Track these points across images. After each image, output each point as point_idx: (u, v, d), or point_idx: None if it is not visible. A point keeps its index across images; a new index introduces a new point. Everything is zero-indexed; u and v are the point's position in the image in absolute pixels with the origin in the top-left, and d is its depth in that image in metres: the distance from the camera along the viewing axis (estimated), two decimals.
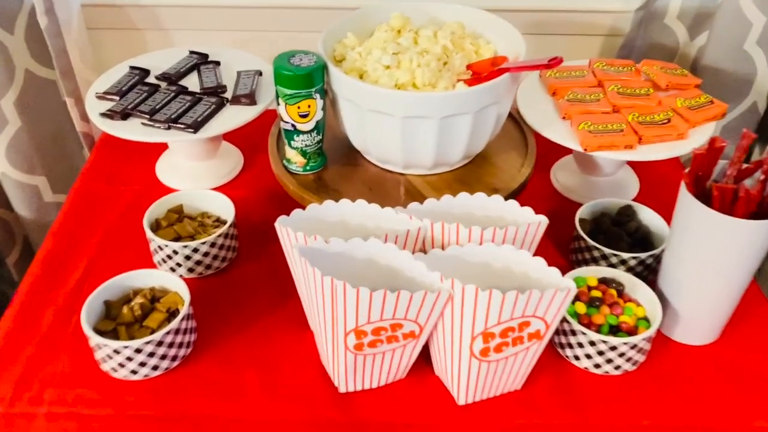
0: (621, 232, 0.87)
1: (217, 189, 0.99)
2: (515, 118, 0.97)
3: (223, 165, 1.06)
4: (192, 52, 1.07)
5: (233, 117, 0.94)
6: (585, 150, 0.88)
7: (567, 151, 1.07)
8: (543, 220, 0.73)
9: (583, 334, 0.74)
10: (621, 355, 0.74)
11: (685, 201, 0.72)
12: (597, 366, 0.76)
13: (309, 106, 0.80)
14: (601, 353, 0.74)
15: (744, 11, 1.10)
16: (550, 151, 1.09)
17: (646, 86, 0.97)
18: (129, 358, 0.73)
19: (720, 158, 0.73)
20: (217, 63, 1.05)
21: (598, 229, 0.89)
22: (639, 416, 0.73)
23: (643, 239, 0.88)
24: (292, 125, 0.82)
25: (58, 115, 1.25)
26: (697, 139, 0.90)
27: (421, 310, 0.67)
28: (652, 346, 0.79)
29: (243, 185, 1.04)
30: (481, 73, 0.84)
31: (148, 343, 0.72)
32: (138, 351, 0.73)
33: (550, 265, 0.69)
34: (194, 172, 1.03)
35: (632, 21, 1.16)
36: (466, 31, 0.92)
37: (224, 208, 0.90)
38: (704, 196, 0.72)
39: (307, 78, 0.78)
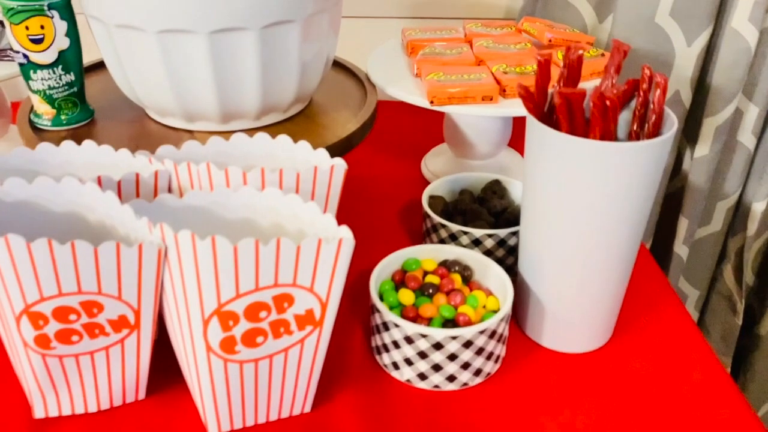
0: (482, 209, 0.66)
1: None
2: (358, 78, 0.76)
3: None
4: None
5: None
6: (432, 102, 0.67)
7: (441, 139, 0.88)
8: (339, 164, 0.51)
9: (397, 326, 0.51)
10: (452, 357, 0.51)
11: (531, 129, 0.50)
12: (422, 377, 0.52)
13: (42, 27, 0.59)
14: (422, 355, 0.51)
15: None
16: (426, 141, 0.90)
17: (523, 41, 0.78)
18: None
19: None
20: None
21: (455, 209, 0.67)
22: None
23: (515, 221, 0.67)
24: (25, 56, 0.60)
25: None
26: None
27: (122, 278, 0.44)
28: (508, 352, 0.57)
29: None
30: None
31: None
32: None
33: None
34: None
35: None
36: None
37: None
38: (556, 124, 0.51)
39: None
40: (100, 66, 0.78)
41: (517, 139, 0.88)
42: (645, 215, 0.51)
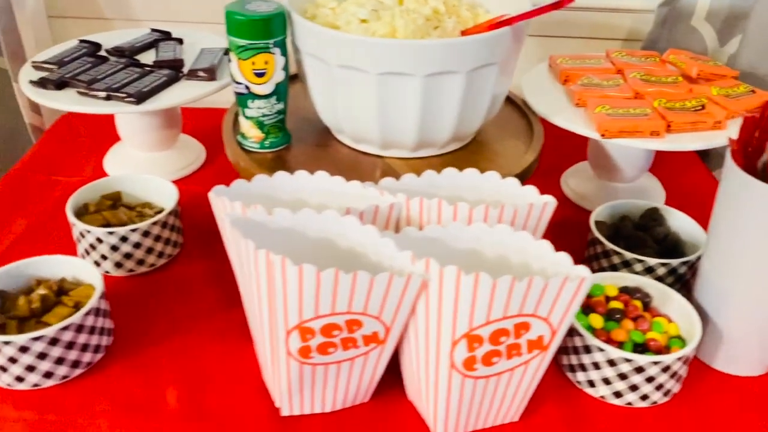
0: (646, 237, 0.71)
1: None
2: (518, 106, 0.82)
3: (180, 157, 0.91)
4: (153, 30, 0.94)
5: (187, 91, 0.80)
6: (603, 135, 0.72)
7: (579, 157, 0.93)
8: (550, 201, 0.57)
9: (601, 350, 0.57)
10: (650, 380, 0.57)
11: (733, 178, 0.56)
12: (617, 395, 0.59)
13: (266, 63, 0.66)
14: (623, 377, 0.57)
15: None
16: (560, 159, 0.95)
17: (674, 75, 0.83)
18: (12, 360, 0.57)
19: None
20: (180, 40, 0.91)
21: (617, 235, 0.73)
22: None
23: (673, 248, 0.72)
24: (246, 87, 0.67)
25: (10, 108, 1.12)
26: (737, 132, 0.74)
27: (386, 302, 0.50)
28: (687, 374, 0.62)
29: (200, 181, 0.89)
30: None
31: (37, 339, 0.56)
32: (23, 350, 0.56)
33: None
34: (147, 164, 0.89)
35: (655, 19, 1.03)
36: None
37: (168, 198, 0.75)
38: (756, 176, 0.56)
39: (263, 25, 0.63)
40: None
41: (655, 163, 0.92)
42: None
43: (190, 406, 0.59)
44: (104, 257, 0.70)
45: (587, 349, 0.58)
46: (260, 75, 0.66)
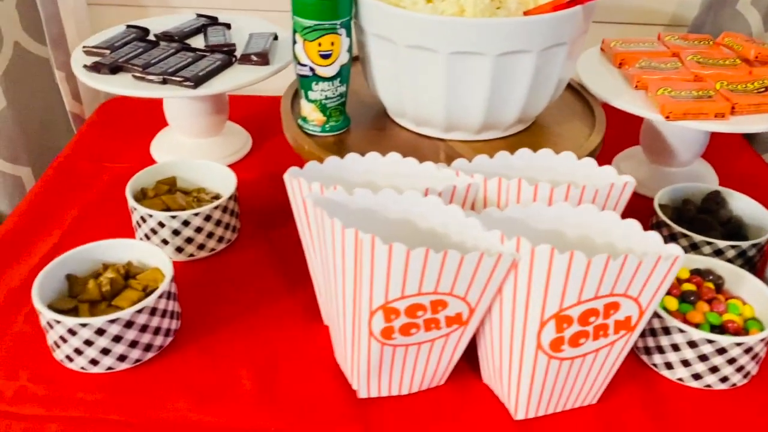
0: (711, 220, 0.71)
1: None
2: (575, 89, 0.81)
3: (227, 144, 0.91)
4: (199, 15, 0.93)
5: (241, 76, 0.79)
6: (667, 118, 0.72)
7: (631, 141, 0.92)
8: (630, 181, 0.56)
9: (682, 332, 0.56)
10: (731, 361, 0.56)
11: None
12: (696, 377, 0.58)
13: (332, 44, 0.65)
14: (703, 358, 0.57)
15: None
16: (611, 143, 0.94)
17: (731, 57, 0.82)
18: (88, 342, 0.56)
19: None
20: (227, 25, 0.91)
21: (680, 218, 0.72)
22: None
23: (737, 231, 0.71)
24: (311, 69, 0.66)
25: (50, 98, 1.12)
26: None
27: (473, 282, 0.50)
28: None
29: (249, 168, 0.89)
30: None
31: (113, 321, 0.56)
32: (100, 332, 0.56)
33: None
34: (194, 150, 0.88)
35: (701, 3, 1.02)
36: None
37: (225, 184, 0.75)
38: None
39: (331, 5, 0.63)
40: None
41: (708, 149, 0.91)
42: None
43: (263, 389, 0.58)
44: (165, 242, 0.70)
45: (666, 331, 0.58)
46: (326, 57, 0.66)
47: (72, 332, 0.56)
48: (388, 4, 0.67)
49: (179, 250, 0.70)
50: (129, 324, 0.57)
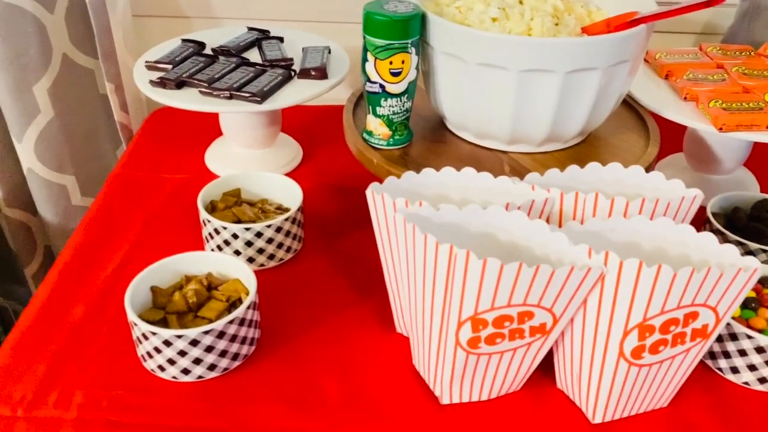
0: (763, 227, 0.73)
1: None
2: (625, 101, 0.84)
3: (281, 155, 0.93)
4: (250, 29, 0.96)
5: (302, 90, 0.82)
6: (720, 129, 0.74)
7: (673, 148, 0.94)
8: (699, 194, 0.59)
9: (749, 338, 0.59)
10: None
11: None
12: (762, 381, 0.61)
13: (403, 62, 0.67)
14: None
15: None
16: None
17: None
18: (182, 353, 0.59)
19: None
20: (281, 39, 0.93)
21: (732, 226, 0.75)
22: None
23: None
24: (381, 86, 0.69)
25: (94, 108, 1.14)
26: None
27: (561, 294, 0.52)
28: None
29: (303, 177, 0.91)
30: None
31: (207, 333, 0.58)
32: (194, 343, 0.58)
33: None
34: (249, 161, 0.91)
35: (737, 12, 1.05)
36: None
37: (288, 195, 0.77)
38: None
39: (403, 26, 0.65)
40: None
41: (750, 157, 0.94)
42: None
43: (347, 396, 0.61)
44: (237, 252, 0.72)
45: (733, 337, 0.60)
46: (396, 74, 0.68)
47: (167, 343, 0.58)
48: (454, 21, 0.69)
49: (251, 260, 0.73)
50: (221, 334, 0.59)
